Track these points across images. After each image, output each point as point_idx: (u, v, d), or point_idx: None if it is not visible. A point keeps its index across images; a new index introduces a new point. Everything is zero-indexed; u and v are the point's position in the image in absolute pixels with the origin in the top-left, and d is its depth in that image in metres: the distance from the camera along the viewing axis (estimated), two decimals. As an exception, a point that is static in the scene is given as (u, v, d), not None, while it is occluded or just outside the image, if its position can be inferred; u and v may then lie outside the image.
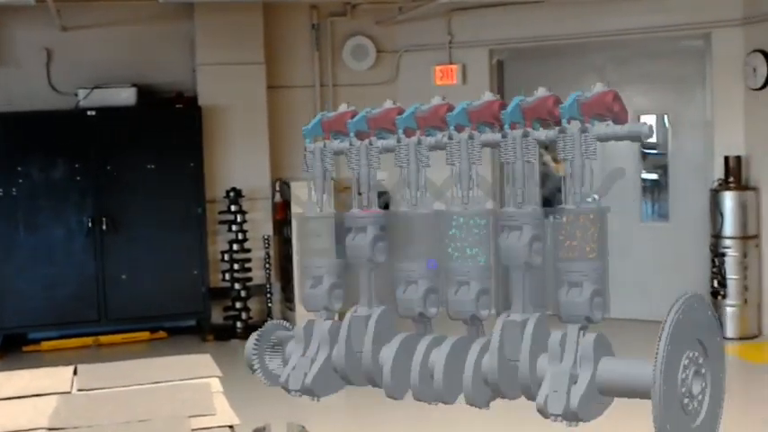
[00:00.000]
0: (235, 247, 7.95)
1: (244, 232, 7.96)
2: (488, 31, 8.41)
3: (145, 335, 7.76)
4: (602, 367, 1.82)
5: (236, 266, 7.93)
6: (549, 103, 2.11)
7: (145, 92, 7.94)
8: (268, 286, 8.10)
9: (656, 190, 8.49)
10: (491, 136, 2.16)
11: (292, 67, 8.64)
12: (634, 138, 1.99)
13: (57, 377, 3.36)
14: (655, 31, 7.83)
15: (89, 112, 7.61)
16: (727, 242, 7.42)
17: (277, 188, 8.32)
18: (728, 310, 7.45)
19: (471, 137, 2.15)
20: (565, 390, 1.80)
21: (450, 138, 2.16)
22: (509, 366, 1.94)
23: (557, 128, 2.04)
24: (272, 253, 8.18)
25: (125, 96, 7.77)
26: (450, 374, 2.03)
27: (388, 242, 2.27)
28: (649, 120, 8.37)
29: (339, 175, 2.56)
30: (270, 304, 8.12)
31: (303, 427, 2.10)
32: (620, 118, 2.04)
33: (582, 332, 1.91)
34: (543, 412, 1.82)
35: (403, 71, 8.79)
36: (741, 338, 7.36)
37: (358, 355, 2.23)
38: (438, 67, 8.55)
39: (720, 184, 7.51)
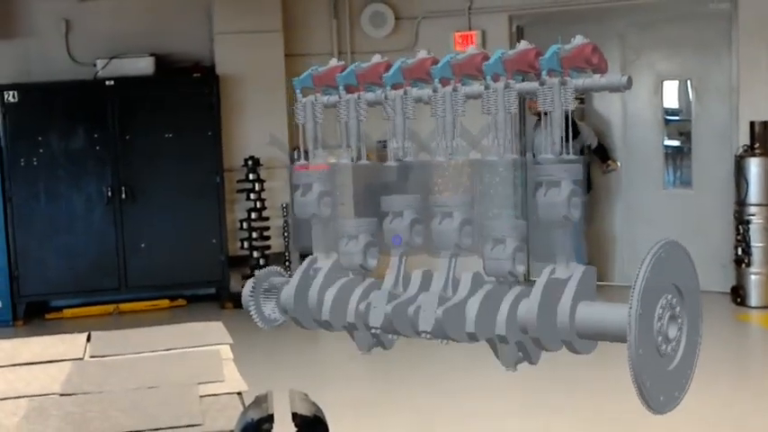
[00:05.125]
0: (253, 215, 7.97)
1: (262, 201, 7.97)
2: (508, -3, 8.30)
3: (164, 303, 7.84)
4: (580, 310, 1.85)
5: (254, 235, 7.96)
6: (531, 55, 2.15)
7: (163, 61, 7.93)
8: (286, 254, 8.12)
9: (679, 157, 8.37)
10: (476, 88, 2.21)
11: (310, 34, 8.57)
12: (613, 88, 2.02)
13: (70, 344, 3.39)
14: (679, -6, 7.67)
15: (107, 82, 7.62)
16: (752, 209, 7.31)
17: (295, 156, 8.29)
18: (753, 278, 7.35)
19: (455, 89, 2.18)
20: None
21: (435, 90, 2.20)
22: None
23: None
24: (290, 221, 8.19)
25: (143, 66, 7.77)
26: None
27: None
28: (672, 85, 8.24)
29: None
30: (289, 273, 8.13)
31: (306, 395, 2.09)
32: (599, 70, 2.07)
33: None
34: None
35: (422, 38, 8.69)
36: (766, 307, 7.27)
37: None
38: (457, 34, 8.44)
39: (746, 150, 7.38)
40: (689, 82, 8.07)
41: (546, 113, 2.06)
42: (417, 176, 2.19)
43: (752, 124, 7.35)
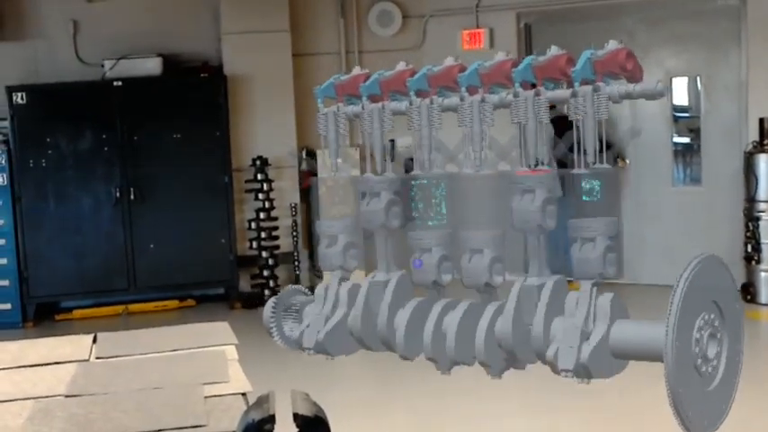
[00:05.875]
0: (262, 215, 7.97)
1: (270, 200, 7.98)
2: (516, -6, 8.28)
3: (174, 303, 7.86)
4: (615, 329, 1.78)
5: (263, 235, 7.97)
6: (561, 61, 2.03)
7: (170, 62, 7.95)
8: (295, 254, 8.13)
9: (688, 153, 8.33)
10: (502, 97, 2.10)
11: (317, 34, 8.58)
12: (648, 96, 1.93)
13: (77, 345, 3.40)
14: (688, -9, 7.64)
15: (115, 83, 7.65)
16: (762, 206, 7.26)
17: (303, 156, 8.32)
18: (763, 275, 7.31)
19: (484, 99, 2.09)
20: (576, 345, 1.77)
21: (462, 99, 2.12)
22: (524, 330, 1.91)
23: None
24: (299, 221, 8.20)
25: (151, 66, 7.79)
26: (464, 337, 2.01)
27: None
28: (681, 82, 8.20)
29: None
30: (297, 272, 8.16)
31: (308, 395, 2.08)
32: (634, 76, 1.97)
33: (594, 288, 1.87)
34: (553, 367, 1.79)
35: (429, 36, 8.68)
36: (775, 305, 7.23)
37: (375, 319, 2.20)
38: (465, 32, 8.42)
39: (755, 147, 7.34)
40: (698, 79, 8.03)
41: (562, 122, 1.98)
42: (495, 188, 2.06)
43: (761, 121, 7.31)
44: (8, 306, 7.49)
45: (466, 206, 2.13)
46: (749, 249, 7.31)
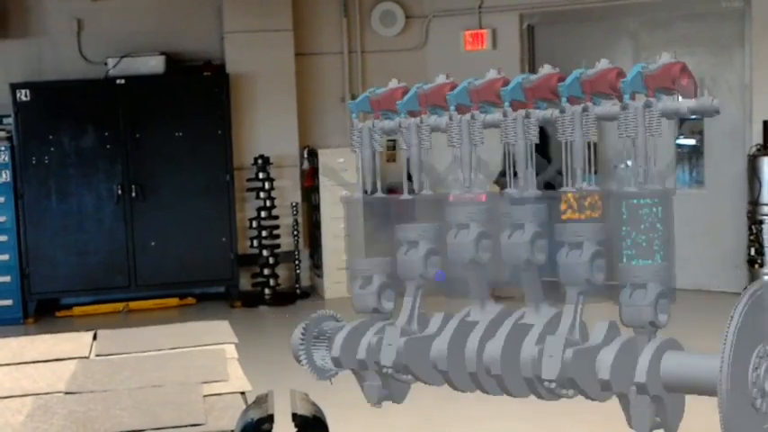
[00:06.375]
0: (263, 214, 7.97)
1: (272, 199, 7.98)
2: (519, -5, 8.28)
3: (174, 301, 7.86)
4: (667, 362, 1.67)
5: (264, 233, 7.97)
6: (612, 75, 1.93)
7: (173, 60, 7.95)
8: (296, 253, 8.13)
9: (691, 156, 8.31)
10: (548, 113, 1.98)
11: (320, 33, 8.57)
12: (703, 113, 1.82)
13: (77, 342, 3.41)
14: (691, -8, 7.63)
15: (118, 81, 7.65)
16: (765, 209, 7.25)
17: (305, 155, 8.32)
18: (766, 278, 7.30)
19: (528, 115, 1.96)
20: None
21: (505, 115, 1.99)
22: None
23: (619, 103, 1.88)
24: (300, 220, 8.20)
25: (153, 65, 7.79)
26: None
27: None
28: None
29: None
30: (298, 271, 8.16)
31: (307, 395, 2.08)
32: (687, 92, 1.86)
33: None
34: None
35: (432, 37, 8.67)
36: (778, 309, 7.21)
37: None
38: (468, 33, 8.42)
39: (759, 150, 7.33)
40: (701, 81, 8.01)
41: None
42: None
43: (765, 123, 7.29)
44: (9, 302, 7.50)
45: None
46: (752, 253, 7.30)
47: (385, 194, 2.28)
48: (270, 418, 1.95)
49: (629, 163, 1.88)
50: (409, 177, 2.23)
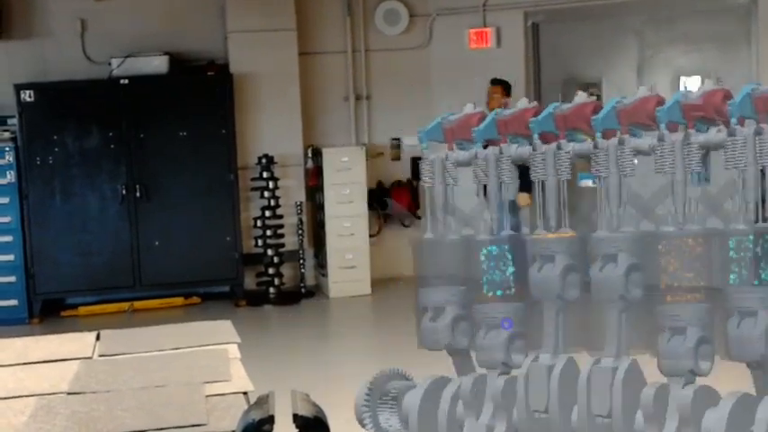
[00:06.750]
0: (267, 213, 7.98)
1: (276, 199, 7.99)
2: (523, -7, 8.26)
3: (179, 300, 7.87)
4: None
5: (268, 233, 7.97)
6: (717, 99, 1.82)
7: (177, 60, 7.96)
8: (301, 252, 8.14)
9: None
10: (641, 141, 1.77)
11: (324, 33, 8.57)
12: None
13: (80, 342, 3.42)
14: (697, -10, 7.61)
15: (122, 81, 7.66)
16: (772, 206, 7.22)
17: (309, 154, 8.33)
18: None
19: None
20: None
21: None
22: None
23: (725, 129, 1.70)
24: (304, 219, 8.20)
25: (157, 65, 7.80)
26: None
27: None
28: (690, 82, 8.16)
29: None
30: (302, 270, 8.17)
31: (308, 395, 2.08)
32: None
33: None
34: None
35: (436, 35, 8.67)
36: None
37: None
38: (472, 31, 8.41)
39: (763, 148, 7.29)
40: (707, 78, 7.98)
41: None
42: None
43: (770, 121, 7.26)
44: (14, 302, 7.52)
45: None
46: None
47: (465, 235, 1.96)
48: (270, 419, 1.95)
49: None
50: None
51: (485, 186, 1.97)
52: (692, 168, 1.64)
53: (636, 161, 1.79)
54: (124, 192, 7.64)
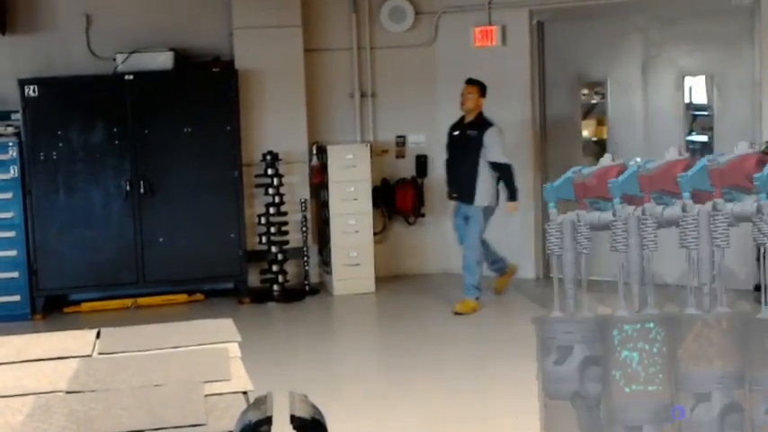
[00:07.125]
0: (271, 210, 7.96)
1: (280, 195, 7.97)
2: (528, -9, 8.23)
3: (182, 297, 7.86)
4: None
5: (272, 230, 7.96)
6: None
7: (182, 56, 7.94)
8: (305, 249, 8.12)
9: (702, 152, 8.25)
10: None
11: (329, 29, 8.55)
12: None
13: (80, 340, 3.40)
14: (701, -11, 7.56)
15: (127, 77, 7.65)
16: (775, 206, 7.18)
17: (314, 152, 8.31)
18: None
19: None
20: None
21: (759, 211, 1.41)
22: None
23: None
24: (308, 216, 8.18)
25: (162, 60, 7.78)
26: None
27: None
28: (697, 81, 8.11)
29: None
30: (307, 267, 8.15)
31: (306, 396, 2.06)
32: None
33: None
34: None
35: (441, 33, 8.64)
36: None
37: None
38: (477, 29, 8.38)
39: (768, 147, 7.26)
40: (711, 78, 7.95)
41: None
42: None
43: (775, 120, 7.22)
44: (17, 298, 7.51)
45: None
46: (761, 250, 7.22)
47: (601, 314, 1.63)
48: (268, 420, 1.93)
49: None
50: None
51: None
52: None
53: None
54: (128, 188, 7.63)
